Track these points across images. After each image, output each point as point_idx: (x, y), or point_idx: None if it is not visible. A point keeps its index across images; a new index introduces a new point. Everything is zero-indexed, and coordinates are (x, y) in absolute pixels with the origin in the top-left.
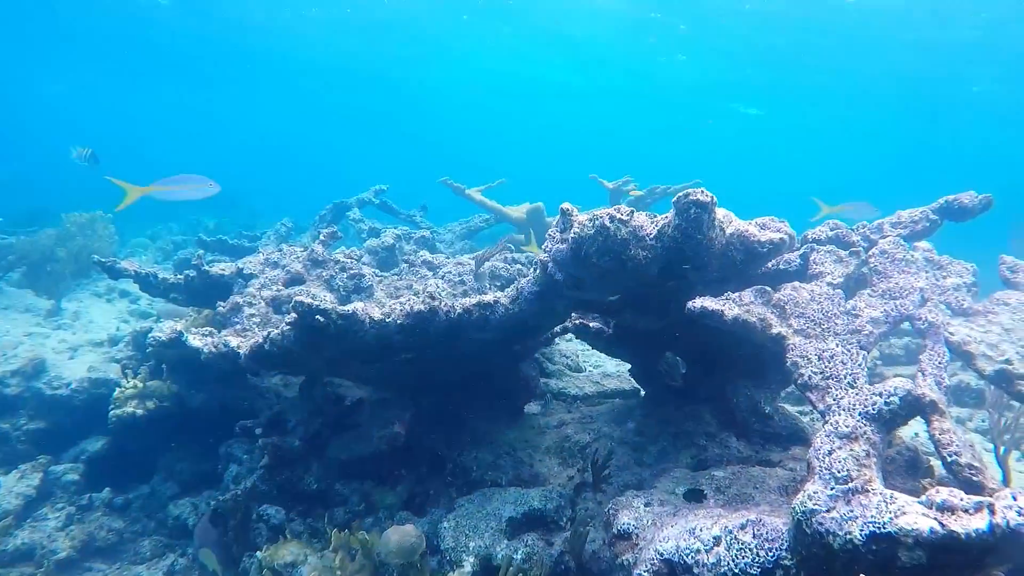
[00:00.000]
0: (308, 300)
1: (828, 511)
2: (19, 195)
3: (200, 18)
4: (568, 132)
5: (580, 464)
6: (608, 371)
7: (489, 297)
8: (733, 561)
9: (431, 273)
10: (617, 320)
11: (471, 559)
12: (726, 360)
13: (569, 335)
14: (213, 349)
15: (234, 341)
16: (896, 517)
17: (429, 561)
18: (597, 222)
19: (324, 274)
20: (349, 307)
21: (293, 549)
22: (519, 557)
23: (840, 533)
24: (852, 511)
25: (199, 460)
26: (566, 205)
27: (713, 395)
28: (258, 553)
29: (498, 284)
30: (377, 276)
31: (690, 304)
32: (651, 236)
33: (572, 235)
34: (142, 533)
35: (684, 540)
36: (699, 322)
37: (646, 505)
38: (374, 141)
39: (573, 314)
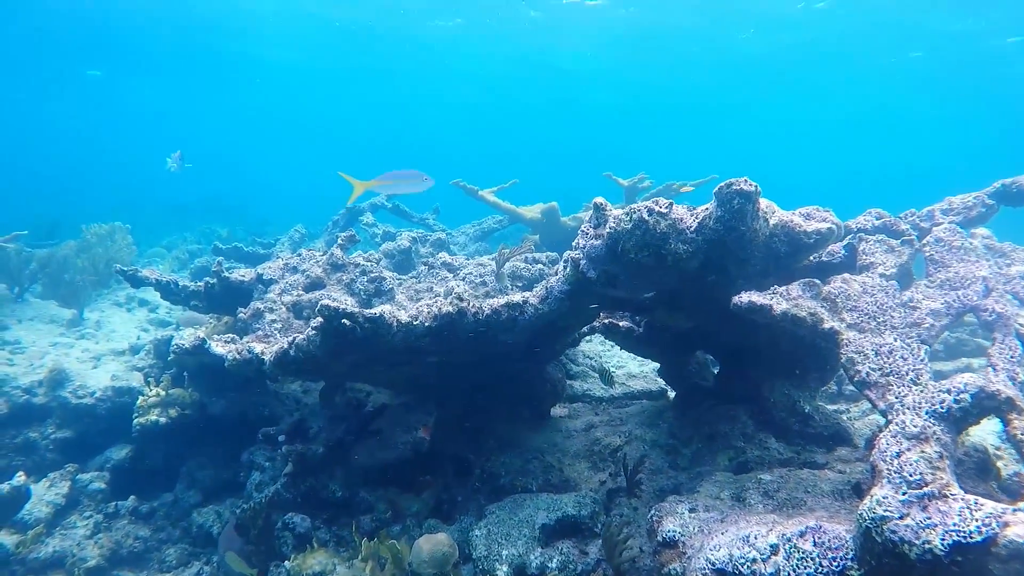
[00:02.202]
0: (334, 304)
1: (901, 518)
2: (37, 208)
3: (205, 32)
4: (579, 132)
5: (612, 468)
6: (632, 372)
7: (518, 297)
8: (794, 571)
9: (451, 275)
10: (648, 319)
11: (504, 568)
12: (762, 358)
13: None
14: (237, 355)
15: (258, 347)
16: (994, 527)
17: (461, 570)
18: (635, 215)
19: (344, 278)
20: (376, 310)
21: (321, 558)
22: (554, 566)
23: (917, 542)
24: (930, 518)
25: (221, 468)
26: (599, 200)
27: (748, 395)
28: (286, 563)
29: (520, 285)
30: (396, 279)
31: (736, 299)
32: (691, 229)
33: (608, 230)
34: (167, 541)
35: (738, 548)
36: (737, 319)
37: (691, 511)
38: (383, 145)
39: (601, 313)
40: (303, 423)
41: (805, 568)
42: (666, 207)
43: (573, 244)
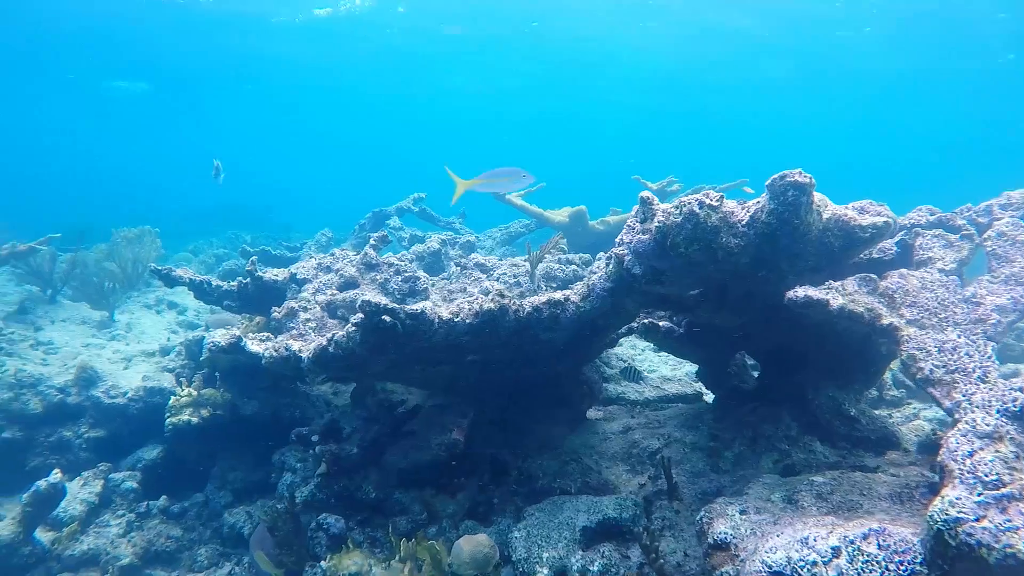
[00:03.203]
0: (376, 299)
1: (978, 520)
2: (65, 215)
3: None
4: (601, 137)
5: (651, 471)
6: (666, 375)
7: (559, 295)
8: (859, 574)
9: (484, 275)
10: (691, 318)
11: (545, 570)
12: (806, 360)
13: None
14: (274, 353)
15: (295, 345)
16: None
17: (501, 571)
18: (685, 209)
19: (378, 277)
20: (417, 306)
21: (357, 559)
22: (596, 569)
23: (997, 546)
24: (1010, 521)
25: (251, 469)
26: (646, 194)
27: (791, 397)
28: (321, 563)
29: (554, 286)
30: (430, 280)
31: (791, 293)
32: (742, 223)
33: (656, 224)
34: (198, 541)
35: (796, 551)
36: (783, 317)
37: (742, 513)
38: (406, 149)
39: (640, 313)
40: (336, 424)
41: (870, 571)
42: (717, 200)
43: (616, 240)
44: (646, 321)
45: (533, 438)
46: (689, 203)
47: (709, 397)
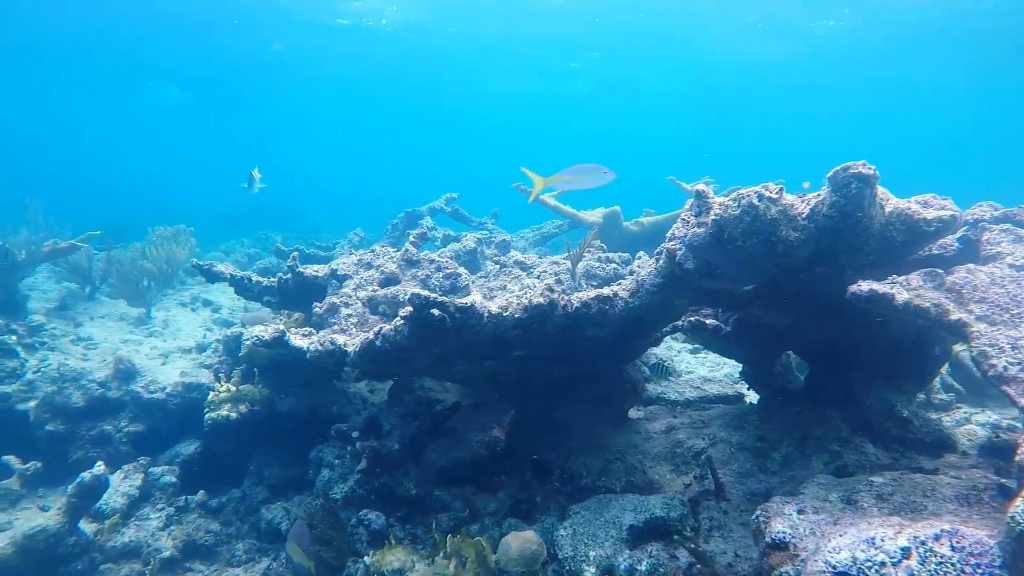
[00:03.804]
0: (425, 292)
1: None
2: (97, 214)
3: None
4: (631, 138)
5: (696, 471)
6: (706, 376)
7: (608, 290)
8: None
9: (524, 273)
10: (740, 315)
11: (592, 569)
12: (857, 360)
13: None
14: (319, 347)
15: (341, 339)
16: None
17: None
18: (744, 201)
19: (420, 274)
20: (467, 300)
21: (399, 555)
22: (643, 568)
23: None
24: None
25: (287, 465)
26: (700, 187)
27: (840, 398)
28: (364, 559)
29: (594, 284)
30: (470, 276)
31: (854, 288)
32: (803, 216)
33: (713, 217)
34: (236, 536)
35: (862, 551)
36: (836, 315)
37: (799, 512)
38: (437, 148)
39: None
40: (376, 420)
41: (945, 573)
42: (776, 192)
43: (668, 235)
44: (692, 319)
45: (575, 437)
46: (748, 195)
47: (751, 398)
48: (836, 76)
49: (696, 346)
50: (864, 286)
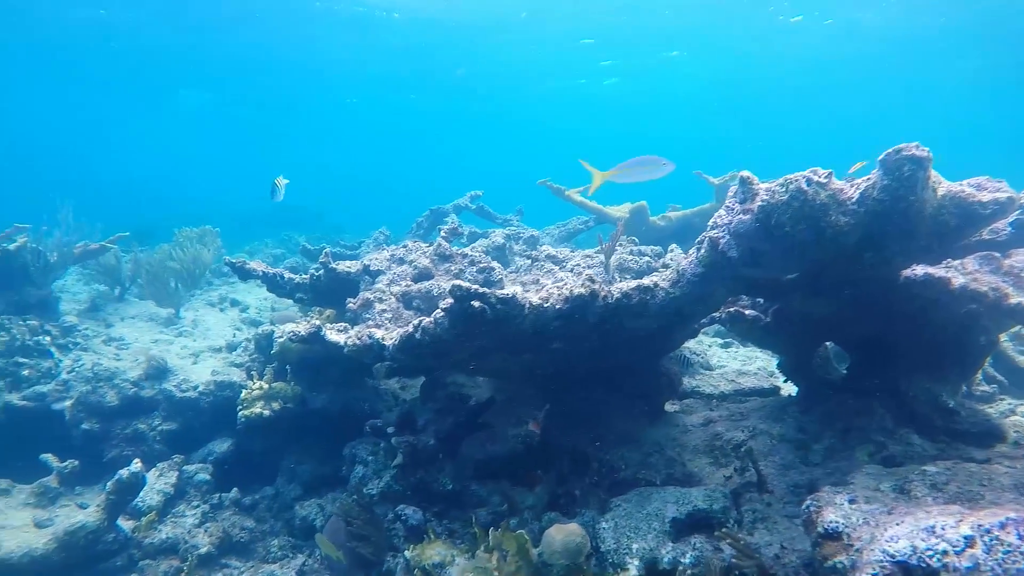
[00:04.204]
0: (466, 284)
1: None
2: (121, 216)
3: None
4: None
5: (736, 463)
6: (740, 369)
7: (648, 280)
8: (999, 565)
9: (556, 267)
10: (780, 305)
11: (635, 562)
12: (900, 350)
13: None
14: (357, 342)
15: (379, 333)
16: None
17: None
18: (792, 186)
19: (453, 268)
20: (508, 291)
21: (440, 549)
22: (687, 560)
23: None
24: None
25: (320, 462)
26: (745, 173)
27: (883, 389)
28: (405, 553)
29: (628, 277)
30: (503, 270)
31: (908, 272)
32: (852, 200)
33: (759, 203)
34: (270, 533)
35: (922, 540)
36: (879, 305)
37: (851, 502)
38: (462, 146)
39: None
40: (411, 415)
41: (1013, 562)
42: (825, 176)
43: (710, 224)
44: (731, 310)
45: (611, 430)
46: (796, 180)
47: (786, 391)
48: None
49: (727, 340)
50: (919, 270)
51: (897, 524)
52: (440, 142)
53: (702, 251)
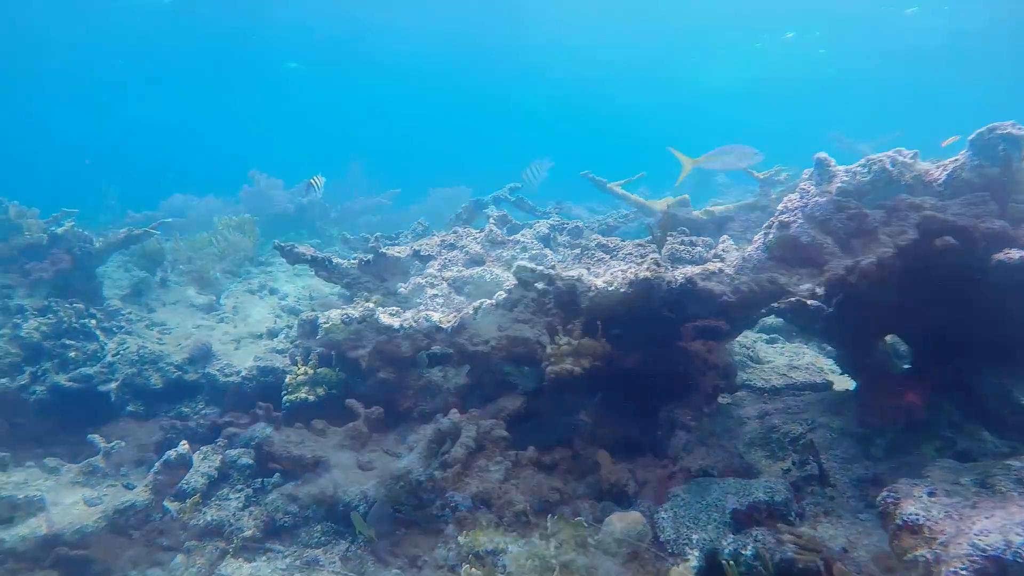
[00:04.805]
0: (532, 265)
1: None
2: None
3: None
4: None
5: (794, 457)
6: (790, 363)
7: (713, 266)
8: None
9: (608, 255)
10: (847, 294)
11: (696, 552)
12: (969, 343)
13: None
14: (414, 324)
15: (436, 315)
16: None
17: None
18: (876, 167)
19: (504, 254)
20: (573, 271)
21: (493, 536)
22: (749, 553)
23: None
24: None
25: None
26: (822, 155)
27: (949, 383)
28: (459, 538)
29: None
30: (554, 257)
31: (1001, 255)
32: (939, 182)
33: (839, 185)
34: (313, 518)
35: (1017, 534)
36: (951, 295)
37: (930, 495)
38: (499, 138)
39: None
40: (458, 404)
41: None
42: (911, 157)
43: (779, 209)
44: (792, 300)
45: (665, 421)
46: (880, 160)
47: (839, 385)
48: None
49: (772, 336)
50: (1014, 254)
51: (986, 518)
52: (474, 135)
53: (770, 236)
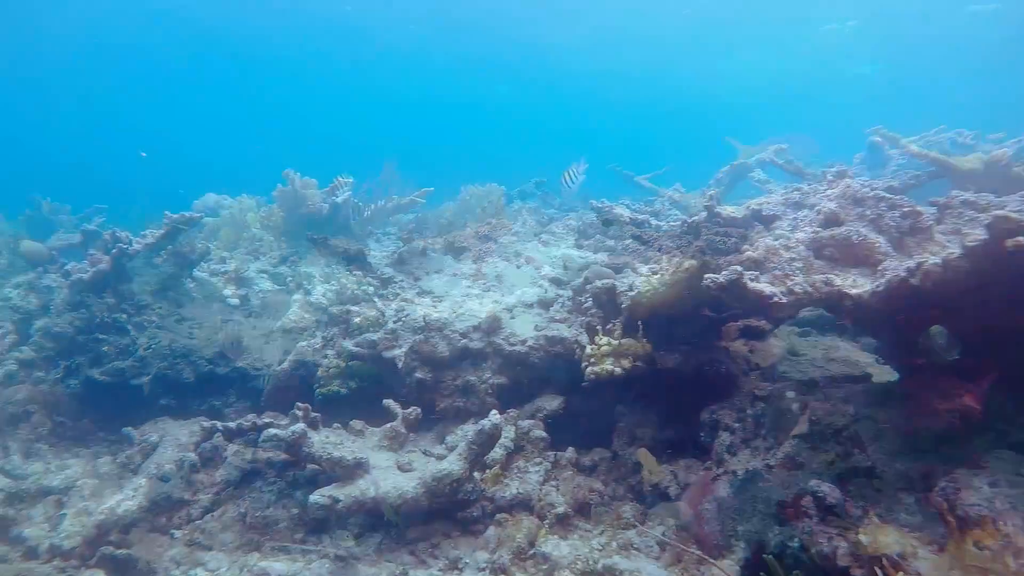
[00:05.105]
0: (1010, 214)
1: None
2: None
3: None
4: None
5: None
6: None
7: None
8: None
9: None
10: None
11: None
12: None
13: None
14: (810, 290)
15: (838, 281)
16: None
17: None
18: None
19: (867, 213)
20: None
21: (896, 537)
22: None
23: None
24: None
25: (661, 426)
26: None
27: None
28: (861, 536)
29: None
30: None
31: None
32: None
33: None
34: (615, 497)
35: None
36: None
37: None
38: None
39: None
40: (813, 382)
41: None
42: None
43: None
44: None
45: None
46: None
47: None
48: None
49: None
50: None
51: None
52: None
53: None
